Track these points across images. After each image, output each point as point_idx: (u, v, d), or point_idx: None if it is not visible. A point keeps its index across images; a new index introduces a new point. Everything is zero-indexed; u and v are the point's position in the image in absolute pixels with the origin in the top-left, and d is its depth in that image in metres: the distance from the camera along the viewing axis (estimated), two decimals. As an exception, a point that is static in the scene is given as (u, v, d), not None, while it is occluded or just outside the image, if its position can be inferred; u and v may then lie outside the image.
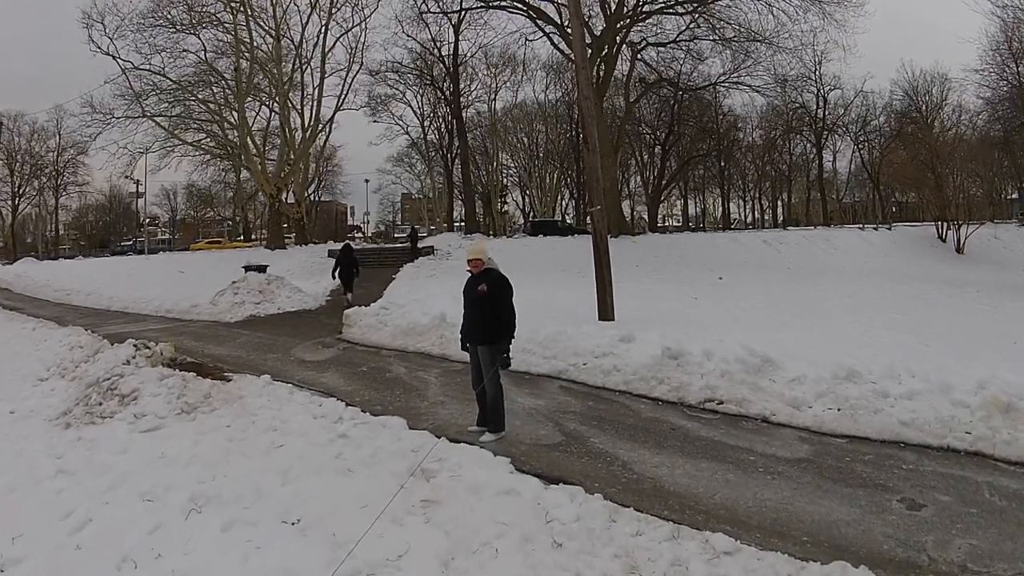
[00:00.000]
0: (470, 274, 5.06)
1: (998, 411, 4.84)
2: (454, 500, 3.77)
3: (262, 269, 14.27)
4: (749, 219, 56.36)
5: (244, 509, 3.94)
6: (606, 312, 9.23)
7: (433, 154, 42.39)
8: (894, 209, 48.65)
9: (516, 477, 4.04)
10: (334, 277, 14.24)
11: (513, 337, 4.87)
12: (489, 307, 4.83)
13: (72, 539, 3.71)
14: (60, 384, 7.59)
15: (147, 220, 54.03)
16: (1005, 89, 34.11)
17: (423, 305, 9.62)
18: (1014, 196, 38.30)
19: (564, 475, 4.23)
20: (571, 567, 3.12)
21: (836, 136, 44.36)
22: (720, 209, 52.48)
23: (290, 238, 33.46)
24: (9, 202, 45.30)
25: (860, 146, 44.67)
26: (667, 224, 56.65)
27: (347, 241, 23.82)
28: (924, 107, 41.05)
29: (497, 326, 4.80)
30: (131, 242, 49.11)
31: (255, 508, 3.93)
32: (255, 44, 27.47)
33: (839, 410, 5.22)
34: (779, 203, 54.13)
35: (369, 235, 59.31)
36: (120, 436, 5.42)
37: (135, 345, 7.79)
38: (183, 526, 3.76)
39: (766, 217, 54.69)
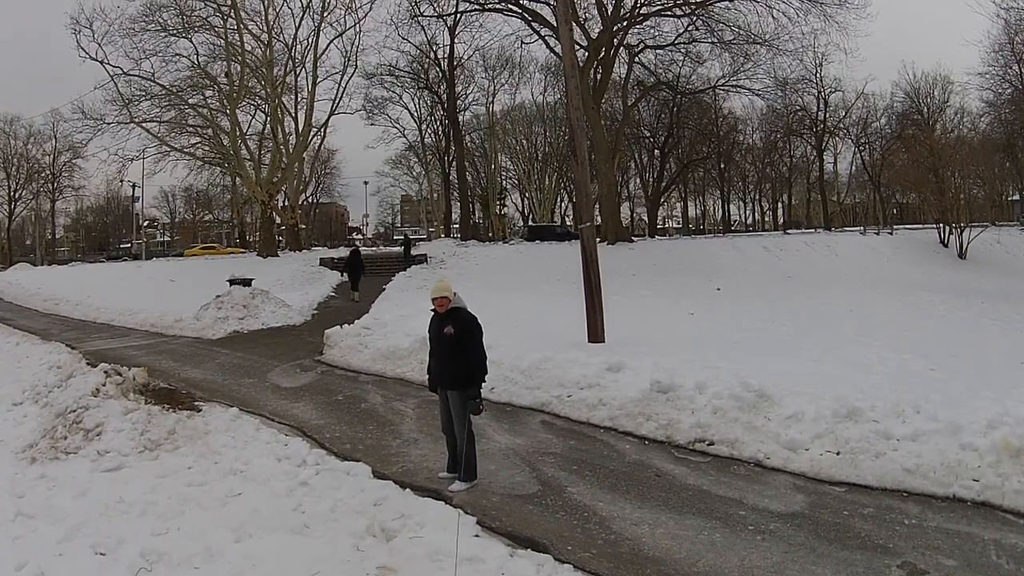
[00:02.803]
0: (434, 313, 4.71)
1: (1008, 455, 4.53)
2: (412, 569, 3.47)
3: (247, 283, 13.96)
4: (749, 221, 56.01)
5: (194, 569, 3.76)
6: (596, 334, 8.85)
7: (430, 157, 42.06)
8: (895, 211, 48.23)
9: (481, 542, 3.72)
10: (343, 275, 18.29)
11: (484, 381, 4.55)
12: (458, 349, 4.49)
13: (23, 597, 3.51)
14: (32, 411, 7.41)
15: (145, 223, 53.83)
16: (1009, 92, 33.66)
17: (406, 325, 9.30)
18: (1015, 198, 37.78)
19: (535, 535, 3.92)
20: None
21: (837, 138, 43.91)
22: (720, 211, 52.17)
23: (282, 242, 33.12)
24: (5, 206, 45.15)
25: (861, 148, 44.22)
26: (667, 226, 56.37)
27: (355, 247, 26.85)
28: (926, 109, 40.60)
29: (467, 371, 4.47)
30: (129, 245, 48.86)
31: (205, 569, 3.75)
32: (247, 48, 27.12)
33: (838, 454, 4.88)
34: (779, 205, 53.71)
35: (368, 236, 59.24)
36: (81, 476, 5.23)
37: (106, 372, 7.54)
38: (131, 586, 3.54)
39: (766, 219, 54.27)
